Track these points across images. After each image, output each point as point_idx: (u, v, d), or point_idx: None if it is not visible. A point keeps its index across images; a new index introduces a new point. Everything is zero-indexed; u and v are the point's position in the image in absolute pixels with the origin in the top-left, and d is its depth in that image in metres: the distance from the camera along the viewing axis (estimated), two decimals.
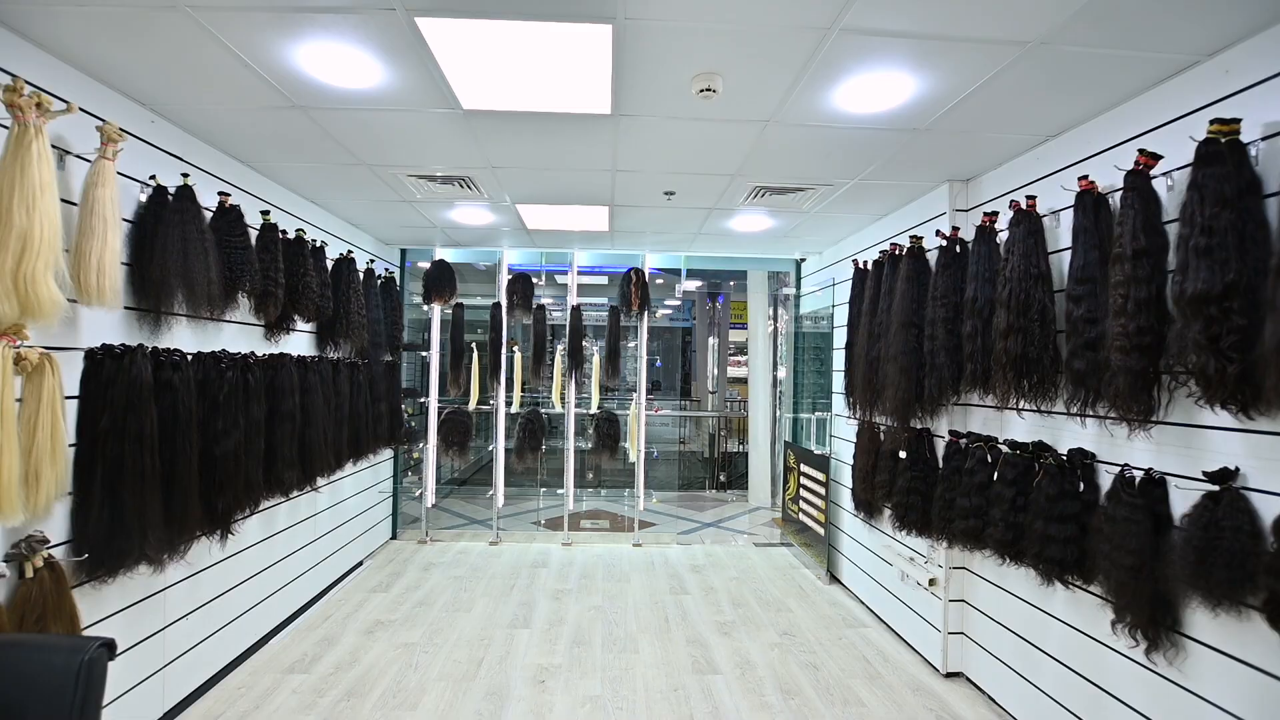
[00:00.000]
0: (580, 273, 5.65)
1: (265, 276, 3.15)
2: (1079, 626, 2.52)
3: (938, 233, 3.28)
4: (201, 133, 2.82)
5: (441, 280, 5.27)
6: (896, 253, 3.62)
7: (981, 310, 2.88)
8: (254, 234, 3.22)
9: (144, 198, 2.53)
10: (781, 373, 7.45)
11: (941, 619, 3.35)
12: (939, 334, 3.12)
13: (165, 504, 2.44)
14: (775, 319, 7.63)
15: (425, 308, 5.54)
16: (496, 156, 3.13)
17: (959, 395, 3.15)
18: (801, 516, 5.30)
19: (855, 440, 4.16)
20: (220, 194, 2.92)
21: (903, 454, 3.49)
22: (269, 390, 3.31)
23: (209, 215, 2.88)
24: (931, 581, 3.40)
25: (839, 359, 4.76)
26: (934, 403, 3.22)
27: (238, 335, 3.22)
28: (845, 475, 4.57)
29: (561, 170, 3.33)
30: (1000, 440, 2.94)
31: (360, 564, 4.91)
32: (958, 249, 3.18)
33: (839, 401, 4.75)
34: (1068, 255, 2.44)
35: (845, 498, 4.55)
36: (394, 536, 5.64)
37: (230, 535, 2.92)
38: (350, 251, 4.24)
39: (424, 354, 5.59)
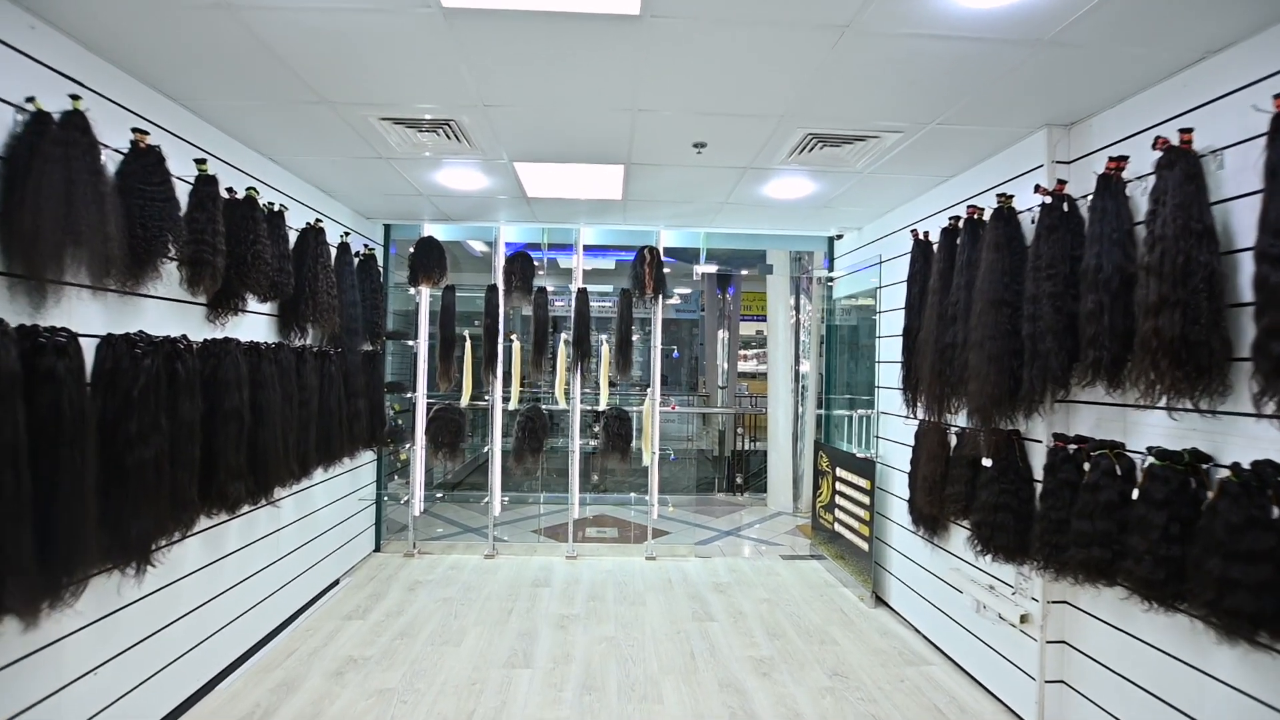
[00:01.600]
0: (586, 256, 5.00)
1: (198, 241, 2.51)
2: (1258, 696, 1.89)
3: (1038, 188, 2.64)
4: (103, 47, 2.17)
5: (430, 259, 4.63)
6: (975, 217, 2.99)
7: (1108, 282, 2.25)
8: (187, 189, 2.58)
9: (18, 126, 1.90)
10: (804, 366, 6.84)
11: (1036, 664, 2.72)
12: (1044, 313, 2.49)
13: (40, 534, 1.81)
14: (798, 308, 7.00)
15: (412, 291, 4.90)
16: (490, 89, 2.49)
17: (1067, 390, 2.52)
18: (837, 527, 4.68)
19: (915, 443, 3.53)
20: (136, 131, 2.28)
21: (987, 462, 2.86)
22: (209, 384, 2.68)
23: (119, 158, 2.24)
24: (1023, 618, 2.78)
25: (887, 348, 4.13)
26: (1033, 399, 2.59)
27: (167, 315, 2.58)
28: (897, 483, 3.95)
29: (569, 110, 2.69)
30: (1129, 447, 2.32)
31: (337, 583, 4.29)
32: (1065, 207, 2.55)
33: (887, 397, 4.12)
34: (1238, 205, 1.82)
35: (897, 509, 3.93)
36: (377, 549, 5.02)
37: (150, 567, 2.29)
38: (319, 221, 3.60)
39: (410, 343, 4.95)
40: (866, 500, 4.22)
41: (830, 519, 4.83)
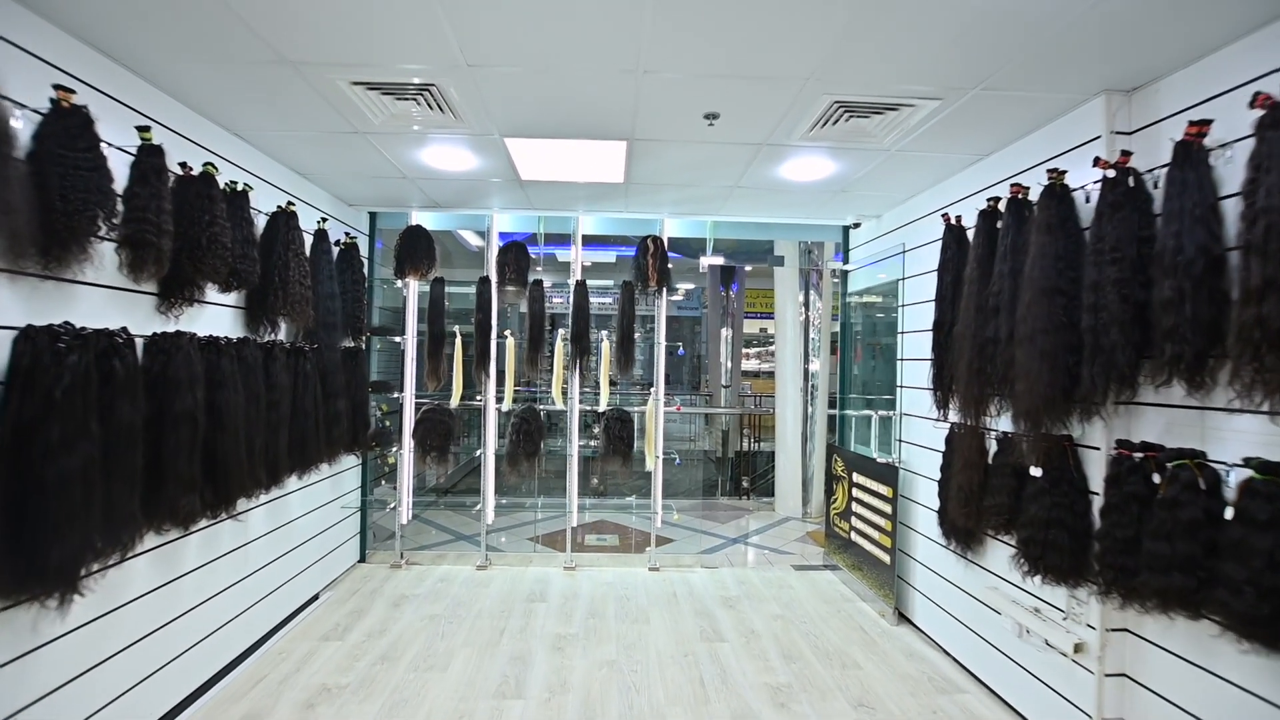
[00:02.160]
0: (585, 250, 4.67)
1: (139, 219, 2.19)
2: None
3: (1098, 161, 2.32)
4: None
5: (417, 248, 4.31)
6: (1020, 196, 2.67)
7: (1189, 265, 1.94)
8: (129, 161, 2.26)
9: None
10: (814, 364, 6.52)
11: (1092, 699, 2.41)
12: (1108, 302, 2.18)
13: None
14: (807, 303, 6.68)
15: (399, 284, 4.58)
16: (473, 44, 2.17)
17: (1134, 390, 2.21)
18: (854, 537, 4.37)
19: (946, 449, 3.22)
20: (58, 89, 1.96)
21: (1035, 471, 2.54)
22: (156, 383, 2.37)
23: (39, 120, 1.92)
24: (1077, 647, 2.46)
25: (911, 344, 3.81)
26: (1093, 400, 2.28)
27: (106, 305, 2.26)
28: (922, 491, 3.63)
29: (565, 72, 2.37)
30: (1210, 457, 2.00)
31: (316, 598, 3.97)
32: (1130, 182, 2.23)
33: (910, 397, 3.80)
34: None
35: (923, 519, 3.61)
36: (362, 559, 4.70)
37: (78, 595, 1.97)
38: (292, 204, 3.27)
39: (397, 339, 4.63)
40: (888, 509, 3.90)
41: (846, 527, 4.51)
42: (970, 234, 3.08)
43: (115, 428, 2.09)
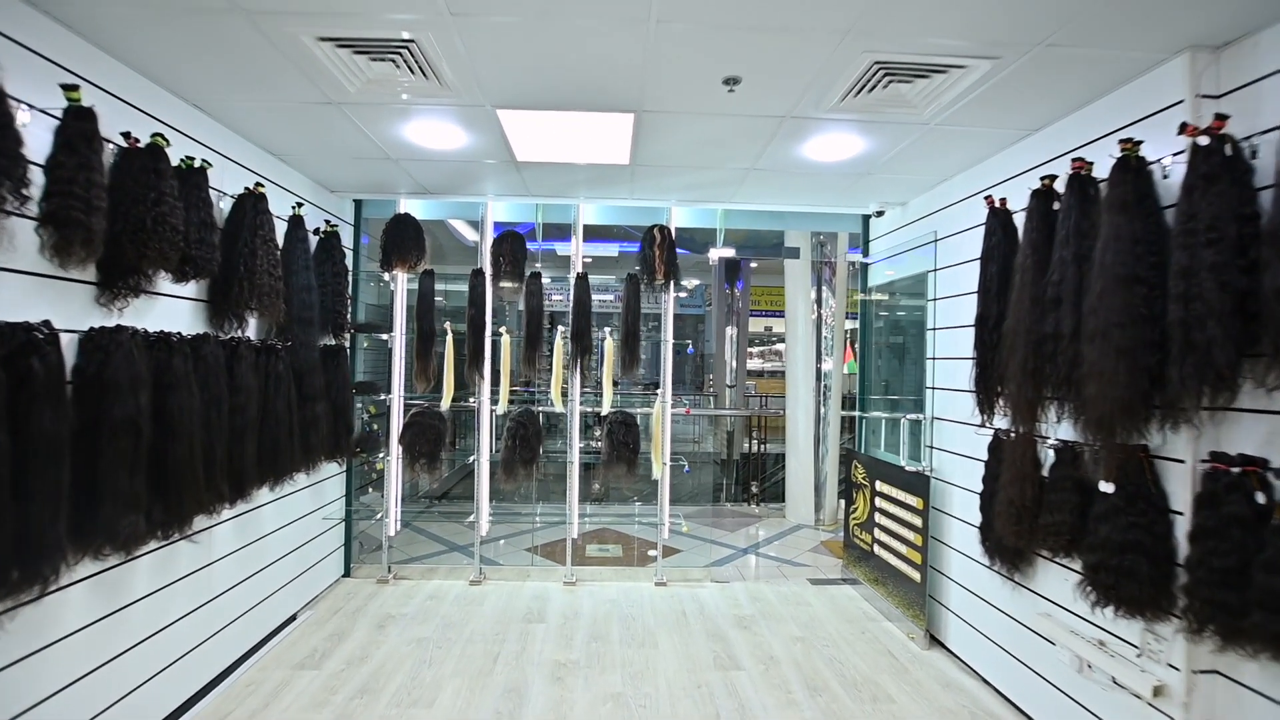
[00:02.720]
0: (587, 245, 4.34)
1: (64, 193, 1.86)
2: None
3: (1185, 128, 1.99)
4: None
5: (404, 237, 3.98)
6: (1084, 173, 2.34)
7: None
8: (53, 125, 1.94)
9: None
10: (827, 363, 6.20)
11: None
12: (1203, 291, 1.85)
13: None
14: (819, 300, 6.35)
15: (386, 277, 4.25)
16: None
17: (1234, 392, 1.88)
18: (878, 550, 4.04)
19: (990, 458, 2.89)
20: None
21: (1106, 486, 2.21)
22: (91, 386, 2.04)
23: None
24: (1157, 690, 2.13)
25: (944, 341, 3.49)
26: (1182, 405, 1.95)
27: (29, 294, 1.93)
28: (957, 503, 3.31)
29: (564, 22, 2.04)
30: None
31: (294, 618, 3.64)
32: (1228, 151, 1.90)
33: (943, 400, 3.48)
34: None
35: (959, 534, 3.29)
36: (347, 574, 4.37)
37: None
38: (260, 186, 2.94)
39: (384, 337, 4.30)
40: (917, 521, 3.57)
41: (868, 540, 4.19)
42: (1018, 218, 2.76)
43: (32, 439, 1.77)
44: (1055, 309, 2.35)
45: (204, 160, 2.56)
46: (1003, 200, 2.86)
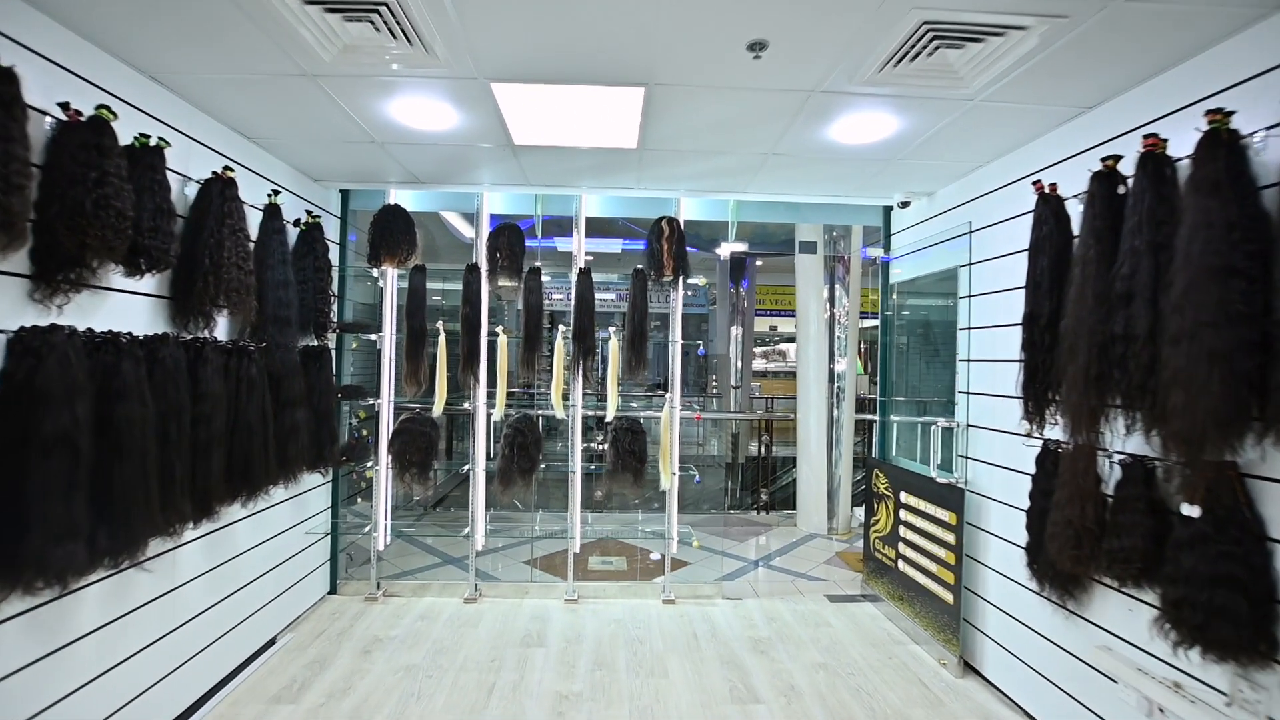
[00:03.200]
0: (588, 239, 4.06)
1: None
2: None
3: None
4: None
5: (393, 229, 3.69)
6: (1159, 150, 2.06)
7: None
8: None
9: None
10: (840, 364, 5.92)
11: None
12: None
13: None
14: (832, 298, 6.07)
15: (375, 273, 3.97)
16: None
17: None
18: (903, 566, 3.76)
19: (1038, 471, 2.61)
20: None
21: (1191, 509, 1.93)
22: (18, 397, 1.76)
23: None
24: None
25: (981, 342, 3.20)
26: None
27: None
28: (995, 519, 3.03)
29: None
30: None
31: (273, 642, 3.36)
32: None
33: (979, 406, 3.19)
34: None
35: (997, 553, 3.01)
36: (333, 591, 4.09)
37: None
38: (229, 170, 2.65)
39: (373, 337, 4.02)
40: (949, 538, 3.29)
41: (891, 554, 3.90)
42: (1073, 204, 2.48)
43: None
44: (1125, 306, 2.06)
45: (160, 138, 2.27)
46: (1052, 186, 2.58)
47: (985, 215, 3.18)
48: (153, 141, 2.24)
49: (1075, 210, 2.48)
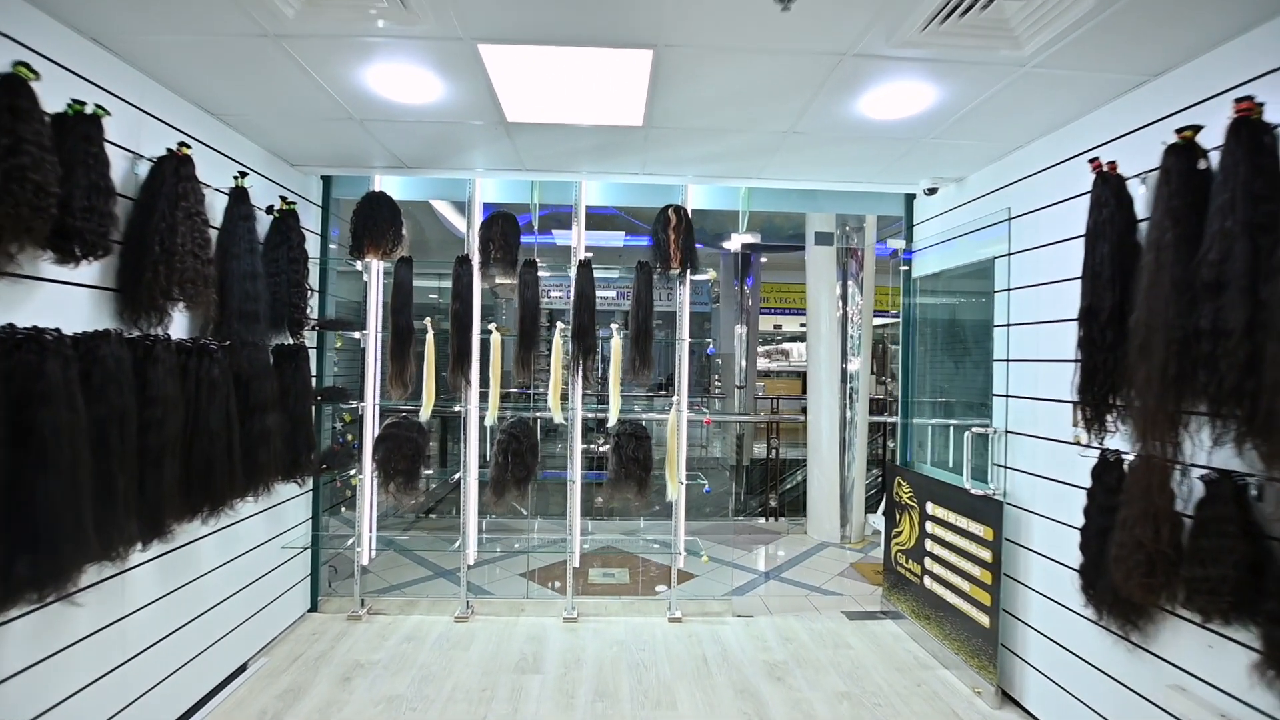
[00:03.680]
0: (588, 234, 3.77)
1: None
2: None
3: None
4: None
5: (377, 218, 3.40)
6: (1253, 115, 1.76)
7: None
8: None
9: None
10: (854, 364, 5.64)
11: None
12: None
13: None
14: (845, 295, 5.78)
15: (358, 266, 3.68)
16: None
17: None
18: (929, 583, 3.47)
19: (1097, 485, 2.32)
20: None
21: None
22: None
23: None
24: None
25: (1018, 340, 2.91)
26: None
27: None
28: (1040, 535, 2.74)
29: None
30: None
31: (244, 667, 3.07)
32: None
33: (1020, 410, 2.90)
34: None
35: (1041, 573, 2.72)
36: (314, 608, 3.80)
37: None
38: (185, 147, 2.36)
39: (357, 335, 3.73)
40: (984, 555, 3.00)
41: (915, 569, 3.62)
42: (1137, 184, 2.19)
43: None
44: (1214, 296, 1.77)
45: (99, 106, 1.98)
46: (1111, 164, 2.29)
47: (1027, 200, 2.89)
48: (88, 109, 1.95)
49: (1136, 192, 2.20)
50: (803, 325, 12.84)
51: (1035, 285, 2.81)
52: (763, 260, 10.27)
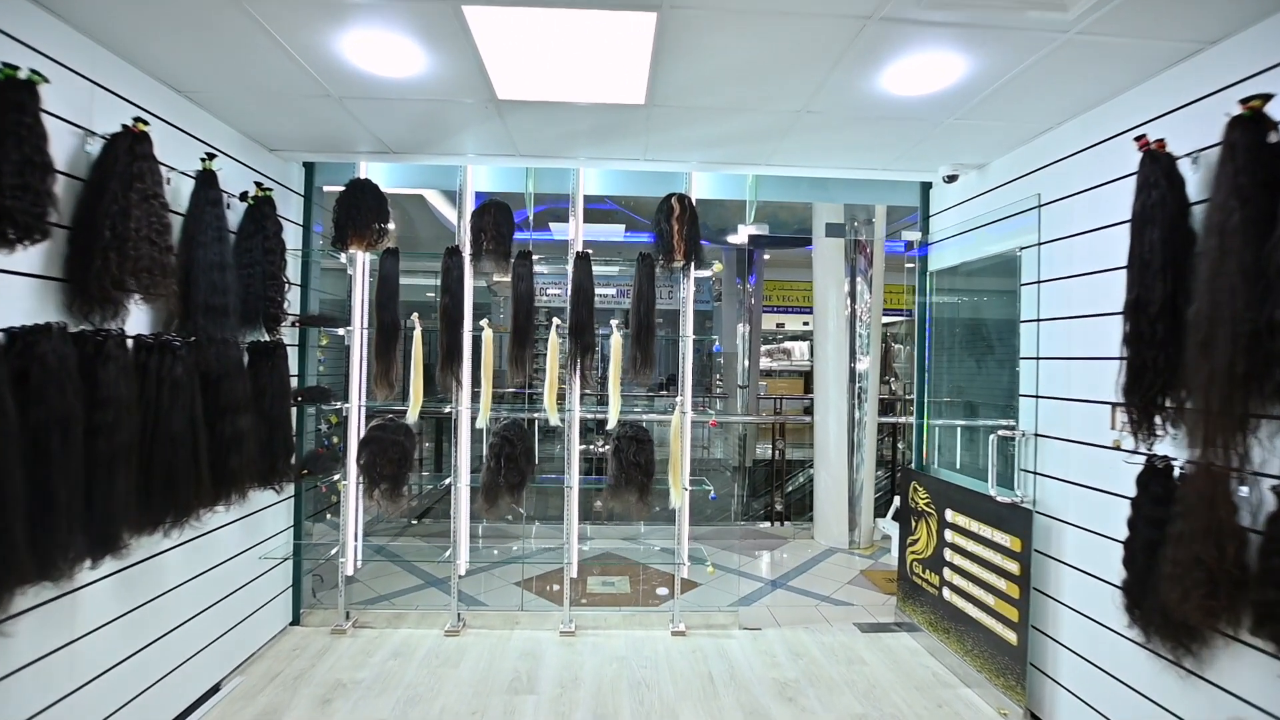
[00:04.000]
0: (586, 228, 3.56)
1: None
2: None
3: None
4: None
5: (361, 207, 3.19)
6: None
7: None
8: None
9: None
10: (862, 363, 5.43)
11: None
12: None
13: None
14: (853, 293, 5.57)
15: (343, 259, 3.47)
16: None
17: None
18: (948, 594, 3.27)
19: (1143, 494, 2.11)
20: None
21: None
22: None
23: None
24: None
25: (1049, 337, 2.71)
26: None
27: None
28: (1073, 547, 2.54)
29: None
30: None
31: (217, 688, 2.86)
32: None
33: (1051, 412, 2.70)
34: None
35: (1075, 588, 2.52)
36: (296, 621, 3.58)
37: None
38: (143, 123, 2.15)
39: (341, 332, 3.52)
40: (1011, 566, 2.80)
41: (933, 580, 3.41)
42: (1188, 165, 1.99)
43: None
44: None
45: (34, 72, 1.77)
46: (1159, 142, 2.08)
47: (1059, 186, 2.68)
48: (22, 74, 1.74)
49: (1187, 173, 2.00)
50: (805, 324, 12.68)
51: (1068, 277, 2.61)
52: (765, 257, 10.06)
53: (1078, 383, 2.54)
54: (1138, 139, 2.12)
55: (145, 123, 2.14)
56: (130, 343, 2.16)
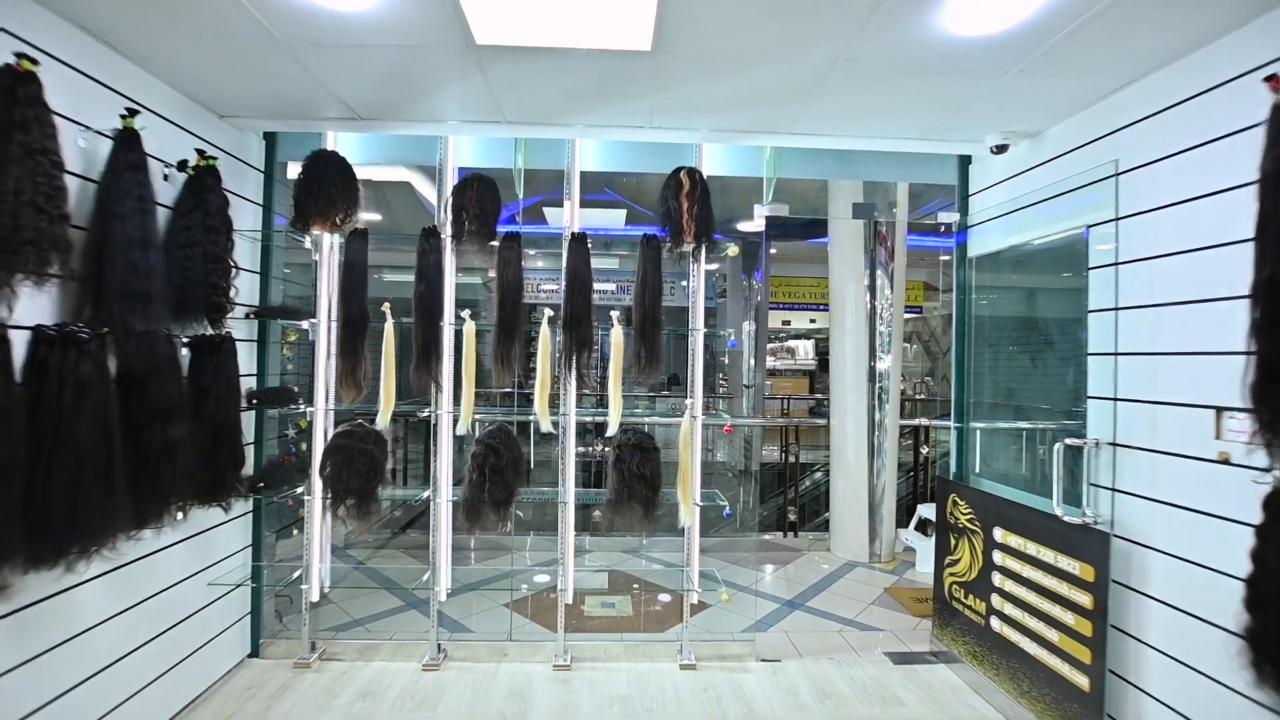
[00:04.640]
0: (583, 208, 3.14)
1: None
2: None
3: None
4: None
5: (324, 181, 2.78)
6: None
7: None
8: None
9: None
10: (883, 362, 5.02)
11: None
12: None
13: None
14: (873, 288, 5.15)
15: (307, 243, 3.06)
16: None
17: None
18: (997, 624, 2.85)
19: (1272, 521, 1.69)
20: None
21: None
22: None
23: None
24: None
25: (1128, 330, 2.29)
26: None
27: None
28: (1162, 579, 2.13)
29: None
30: None
31: None
32: None
33: (1131, 417, 2.28)
34: None
35: (1166, 628, 2.10)
36: (255, 653, 3.17)
37: None
38: (29, 61, 1.73)
39: (304, 325, 3.11)
40: (1083, 599, 2.38)
41: (979, 607, 3.00)
42: None
43: None
44: None
45: None
46: None
47: (1143, 149, 2.26)
48: None
49: None
50: (812, 320, 12.25)
51: (1153, 258, 2.20)
52: (772, 251, 9.66)
53: (1168, 383, 2.13)
54: (1268, 79, 1.70)
55: (34, 60, 1.73)
56: (29, 335, 1.75)
